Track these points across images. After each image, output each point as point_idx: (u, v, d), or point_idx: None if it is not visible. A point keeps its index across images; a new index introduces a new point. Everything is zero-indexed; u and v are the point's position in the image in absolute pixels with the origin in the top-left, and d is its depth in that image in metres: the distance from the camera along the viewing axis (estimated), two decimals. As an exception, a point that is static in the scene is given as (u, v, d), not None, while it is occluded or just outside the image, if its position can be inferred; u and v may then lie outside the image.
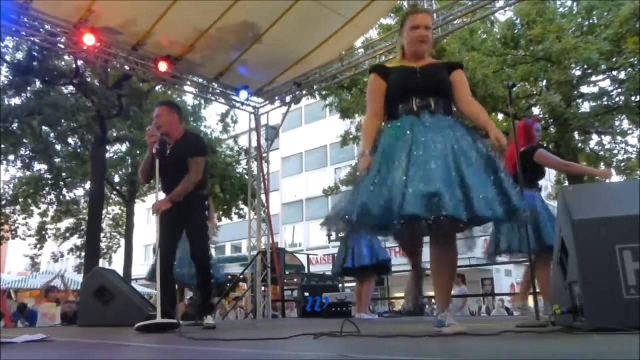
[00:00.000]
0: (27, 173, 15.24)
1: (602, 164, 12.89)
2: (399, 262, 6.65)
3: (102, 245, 16.67)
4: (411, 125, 2.41)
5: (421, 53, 2.66)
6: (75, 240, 17.45)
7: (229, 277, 11.03)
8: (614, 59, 10.65)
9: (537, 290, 3.40)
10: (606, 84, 11.71)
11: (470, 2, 6.60)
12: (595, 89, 11.86)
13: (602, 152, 12.81)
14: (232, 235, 24.68)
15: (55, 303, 7.54)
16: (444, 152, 2.27)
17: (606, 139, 12.81)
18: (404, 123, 2.46)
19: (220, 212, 16.62)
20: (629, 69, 10.65)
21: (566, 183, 12.37)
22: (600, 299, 2.00)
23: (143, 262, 28.80)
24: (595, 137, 12.66)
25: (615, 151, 12.84)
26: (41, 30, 6.37)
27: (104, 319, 5.04)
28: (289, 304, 11.71)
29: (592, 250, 2.07)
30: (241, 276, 9.78)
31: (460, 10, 6.69)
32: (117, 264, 17.50)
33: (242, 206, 16.16)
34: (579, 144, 12.01)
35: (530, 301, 4.05)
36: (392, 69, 2.66)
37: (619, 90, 11.06)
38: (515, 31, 11.66)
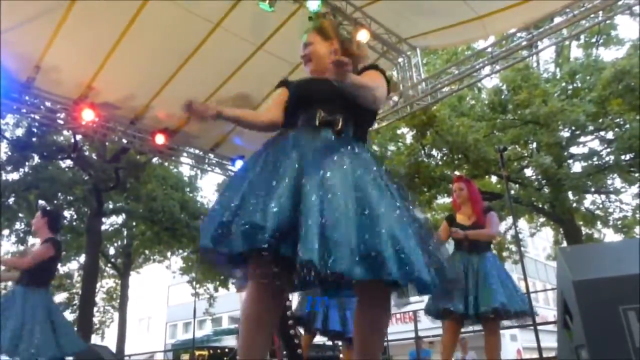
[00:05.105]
0: (21, 248, 15.05)
1: (599, 222, 12.91)
2: (400, 329, 6.44)
3: (95, 320, 16.19)
4: (299, 141, 1.94)
5: (313, 72, 2.29)
6: (68, 315, 16.95)
7: (227, 350, 10.60)
8: (600, 120, 10.93)
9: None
10: (595, 144, 11.96)
11: (457, 70, 6.88)
12: (585, 150, 12.09)
13: (597, 211, 12.84)
14: (229, 307, 24.10)
15: None
16: (353, 187, 1.78)
17: (600, 198, 12.89)
18: (297, 136, 1.98)
19: (217, 283, 16.31)
20: (616, 129, 10.90)
21: (564, 243, 12.30)
22: (608, 363, 1.94)
23: (137, 336, 27.79)
24: (589, 196, 12.74)
25: (611, 210, 12.87)
26: (41, 107, 6.52)
27: (94, 399, 4.83)
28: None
29: (596, 312, 2.02)
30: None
31: (447, 78, 6.97)
32: (110, 339, 16.92)
33: (239, 277, 15.87)
34: (574, 204, 12.06)
35: None
36: (296, 81, 2.30)
37: (609, 149, 11.26)
38: (502, 97, 12.01)
